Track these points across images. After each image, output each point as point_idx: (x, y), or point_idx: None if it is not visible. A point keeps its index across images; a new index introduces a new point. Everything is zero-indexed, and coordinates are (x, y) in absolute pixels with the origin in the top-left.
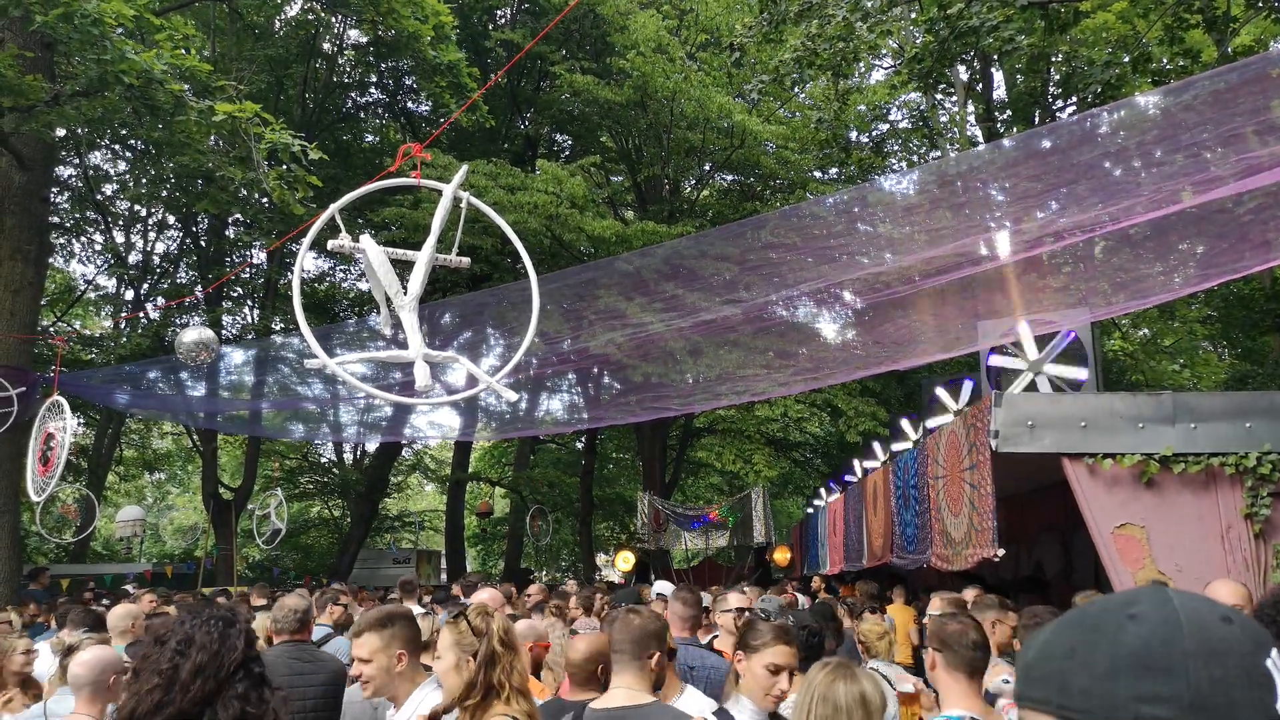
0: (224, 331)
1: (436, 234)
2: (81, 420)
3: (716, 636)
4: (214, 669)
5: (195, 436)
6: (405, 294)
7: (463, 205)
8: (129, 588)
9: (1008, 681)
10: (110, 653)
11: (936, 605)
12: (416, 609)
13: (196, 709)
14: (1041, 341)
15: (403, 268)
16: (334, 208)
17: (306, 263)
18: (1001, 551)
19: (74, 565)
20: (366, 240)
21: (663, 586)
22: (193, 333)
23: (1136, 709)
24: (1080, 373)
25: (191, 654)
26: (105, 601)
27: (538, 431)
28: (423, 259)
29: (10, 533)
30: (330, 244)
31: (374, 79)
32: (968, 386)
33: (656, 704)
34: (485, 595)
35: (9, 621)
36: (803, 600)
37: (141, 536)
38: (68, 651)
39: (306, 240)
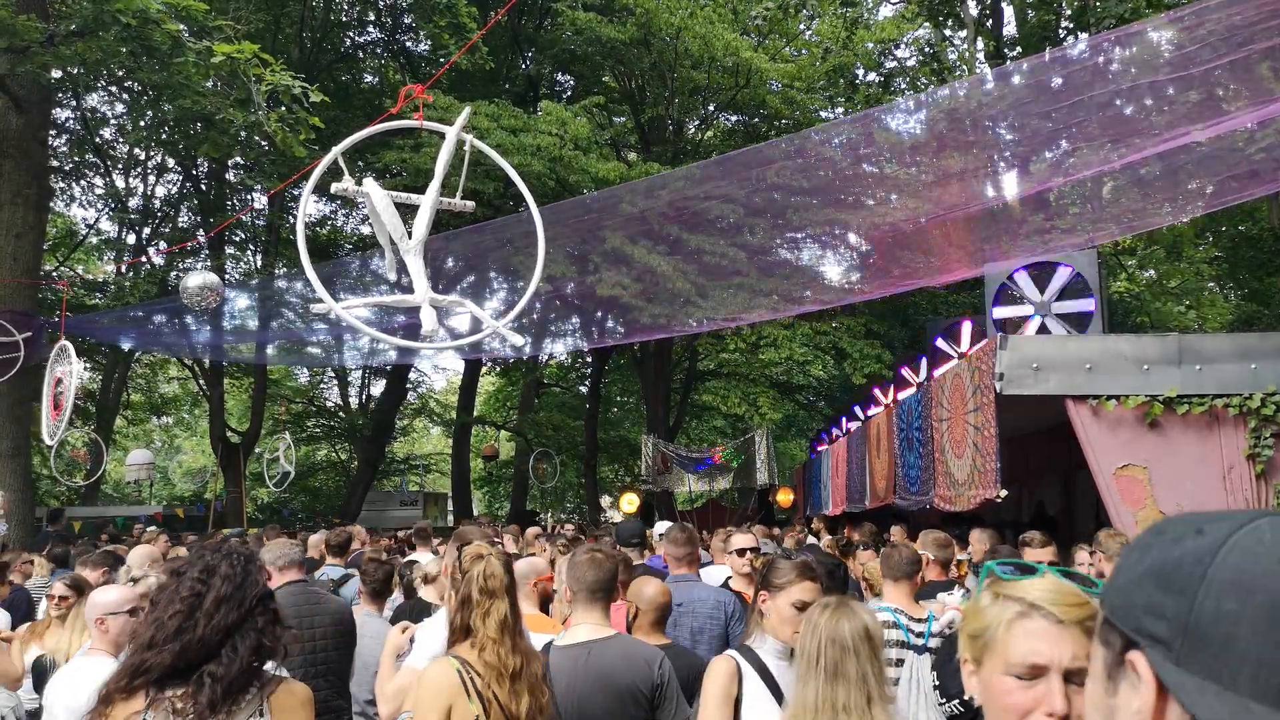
0: (227, 276)
1: (440, 178)
2: (88, 364)
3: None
4: (237, 599)
5: (202, 380)
6: (410, 238)
7: (466, 148)
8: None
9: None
10: (117, 591)
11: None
12: (427, 556)
13: (217, 637)
14: (1042, 280)
15: (407, 212)
16: (336, 151)
17: (308, 206)
18: (1004, 492)
19: (85, 508)
20: (370, 184)
21: (664, 527)
22: (197, 277)
23: (1139, 618)
24: (1087, 304)
25: (215, 583)
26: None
27: (544, 352)
28: (427, 202)
29: (22, 476)
30: (334, 188)
31: (372, 18)
32: (967, 328)
33: (615, 637)
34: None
35: (32, 561)
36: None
37: (152, 479)
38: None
39: (309, 185)
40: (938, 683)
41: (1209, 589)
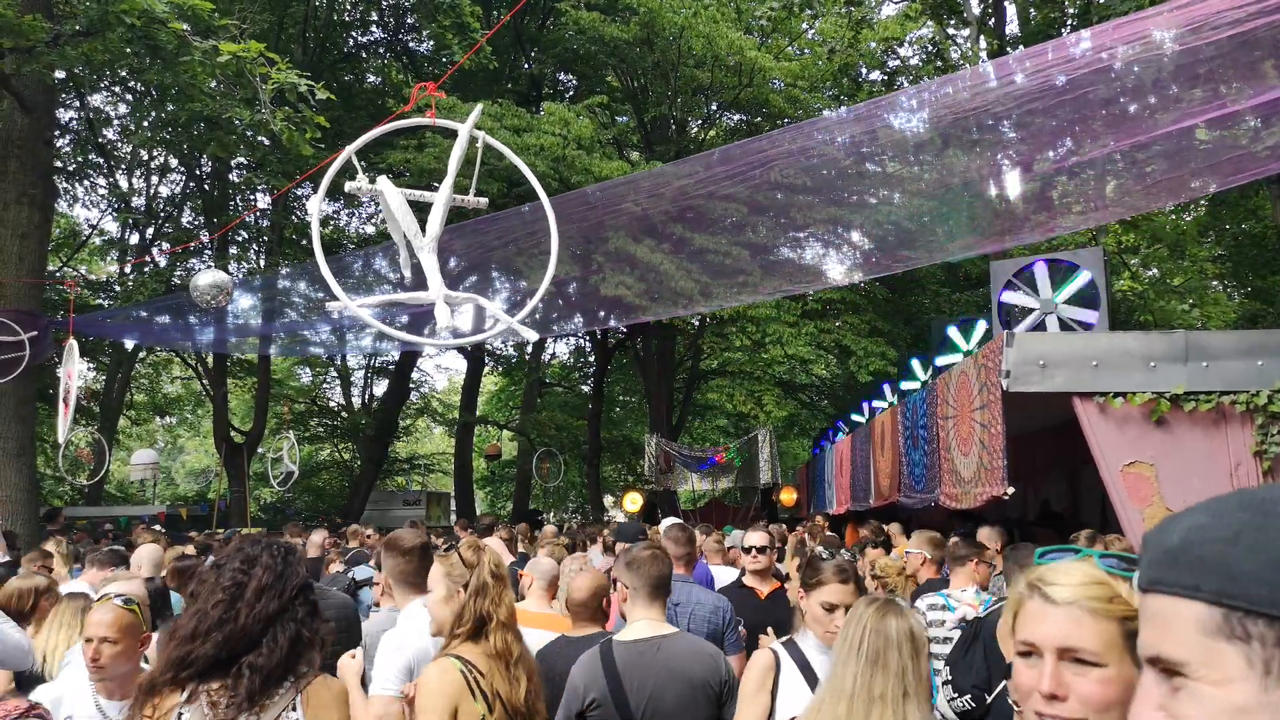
0: (231, 277)
1: (453, 175)
2: (92, 365)
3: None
4: (278, 589)
5: (205, 380)
6: (424, 235)
7: (478, 144)
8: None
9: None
10: (130, 586)
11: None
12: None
13: (258, 626)
14: (1055, 281)
15: (420, 210)
16: (349, 150)
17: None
18: (1011, 490)
19: (90, 508)
20: (384, 182)
21: (668, 524)
22: (207, 275)
23: None
24: (1090, 315)
25: (256, 573)
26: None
27: (552, 334)
28: (440, 200)
29: (28, 476)
30: (348, 186)
31: (375, 17)
32: (980, 327)
33: (679, 633)
34: (493, 543)
35: (49, 567)
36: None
37: (155, 479)
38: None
39: (323, 185)
40: (950, 678)
41: None
